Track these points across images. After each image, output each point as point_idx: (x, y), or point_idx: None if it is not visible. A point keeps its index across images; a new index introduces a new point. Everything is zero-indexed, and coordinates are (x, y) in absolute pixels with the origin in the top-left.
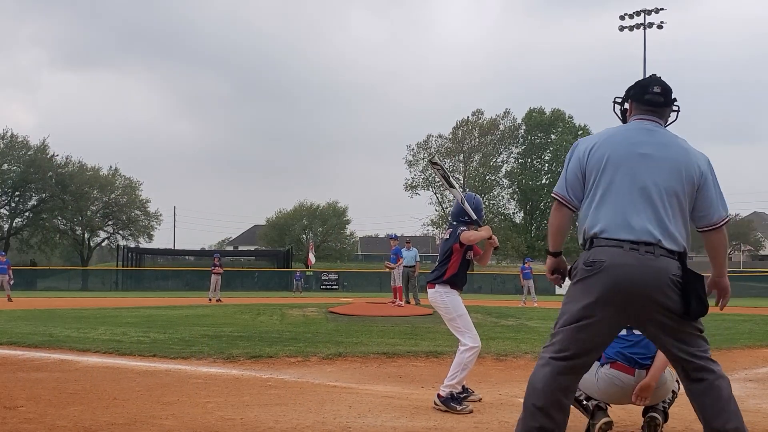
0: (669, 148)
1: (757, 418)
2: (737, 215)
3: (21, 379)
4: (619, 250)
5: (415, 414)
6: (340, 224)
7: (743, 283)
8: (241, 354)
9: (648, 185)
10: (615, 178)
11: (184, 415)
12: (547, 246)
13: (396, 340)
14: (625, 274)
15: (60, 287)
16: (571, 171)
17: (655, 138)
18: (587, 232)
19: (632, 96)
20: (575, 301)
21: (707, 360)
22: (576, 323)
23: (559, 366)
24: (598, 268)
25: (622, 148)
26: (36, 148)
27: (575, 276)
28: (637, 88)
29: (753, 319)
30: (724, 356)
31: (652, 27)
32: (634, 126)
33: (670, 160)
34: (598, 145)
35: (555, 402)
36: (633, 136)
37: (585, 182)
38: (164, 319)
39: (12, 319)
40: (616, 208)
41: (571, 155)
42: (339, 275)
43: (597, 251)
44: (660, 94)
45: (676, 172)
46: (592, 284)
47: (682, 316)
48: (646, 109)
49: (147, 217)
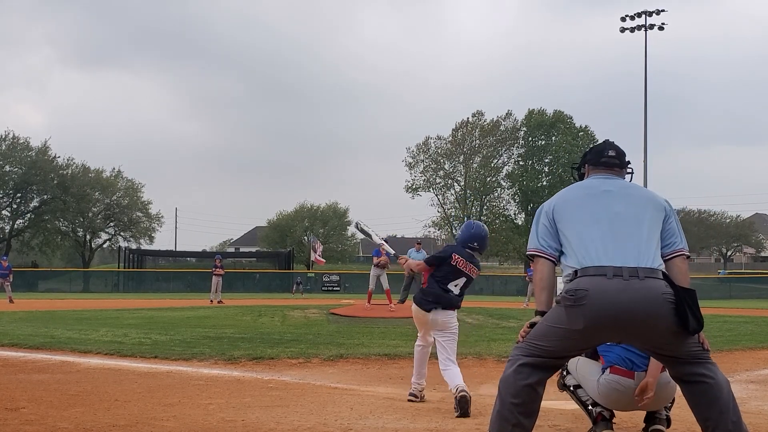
0: (630, 188)
1: (759, 419)
2: (738, 217)
3: (22, 380)
4: (603, 279)
5: (417, 415)
6: (341, 226)
7: (744, 285)
8: (243, 355)
9: (619, 213)
10: (584, 214)
11: (186, 416)
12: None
13: (397, 342)
14: (611, 302)
15: (61, 289)
16: (541, 225)
17: (612, 181)
18: (571, 269)
19: (589, 160)
20: (560, 323)
21: (705, 362)
22: (557, 338)
23: (532, 364)
24: (581, 296)
25: (582, 191)
26: (38, 150)
27: (560, 303)
28: (593, 153)
29: (754, 320)
30: (726, 357)
31: (653, 28)
32: (590, 178)
33: (634, 194)
34: (560, 198)
35: (528, 401)
36: (590, 183)
37: (559, 232)
38: (165, 321)
39: (13, 321)
40: (593, 239)
41: (538, 215)
42: (340, 277)
43: (580, 281)
44: (615, 157)
45: (642, 202)
46: (577, 313)
47: (681, 335)
48: (601, 169)
49: (148, 219)
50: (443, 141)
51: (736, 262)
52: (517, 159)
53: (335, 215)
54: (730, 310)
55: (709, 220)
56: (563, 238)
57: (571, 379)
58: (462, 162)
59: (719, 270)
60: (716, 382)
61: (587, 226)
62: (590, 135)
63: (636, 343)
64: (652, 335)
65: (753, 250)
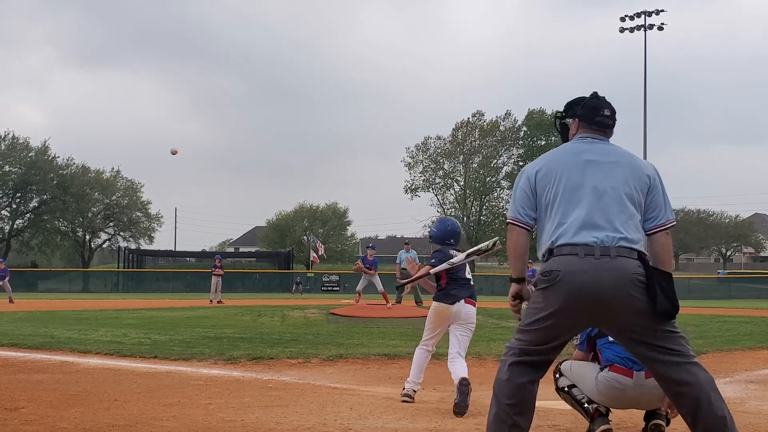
0: (615, 155)
1: (759, 419)
2: (737, 217)
3: (22, 380)
4: (574, 258)
5: (417, 415)
6: (341, 226)
7: (744, 285)
8: (242, 355)
9: (597, 187)
10: (564, 187)
11: (185, 416)
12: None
13: (397, 342)
14: (582, 282)
15: (61, 289)
16: (521, 190)
17: (599, 147)
18: (545, 246)
19: (581, 116)
20: (538, 307)
21: (684, 363)
22: (539, 325)
23: (523, 362)
24: (555, 278)
25: (567, 158)
26: (37, 150)
27: (537, 286)
28: (587, 109)
29: (754, 320)
30: (725, 357)
31: (652, 29)
32: (577, 140)
33: (618, 164)
34: (544, 164)
35: (522, 400)
36: (576, 147)
37: (537, 201)
38: (165, 321)
39: (13, 321)
40: (569, 214)
41: (519, 179)
42: (340, 277)
43: (553, 261)
44: (609, 116)
45: (623, 175)
46: (552, 294)
47: (653, 317)
48: (593, 129)
49: (148, 219)
50: (443, 141)
51: (735, 262)
52: (517, 159)
53: (335, 215)
54: (730, 310)
55: (709, 220)
56: (541, 209)
57: (564, 381)
58: (461, 162)
59: (719, 270)
60: (697, 384)
61: (565, 201)
62: None
63: (611, 328)
64: (623, 317)
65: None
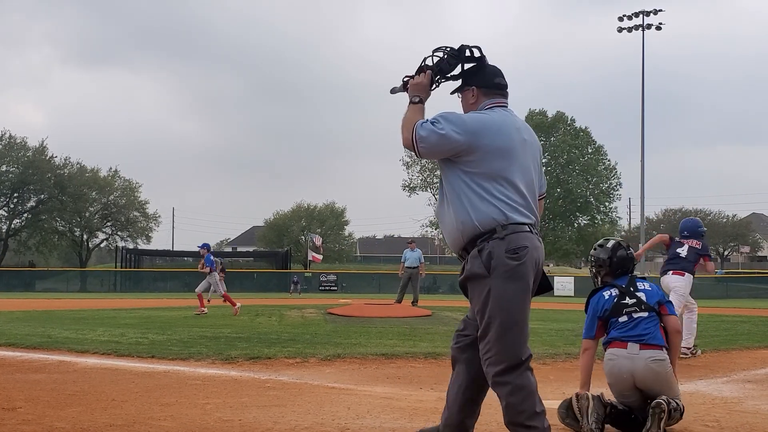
0: (529, 132)
1: (756, 419)
2: (735, 216)
3: (19, 380)
4: (530, 234)
5: (414, 415)
6: (339, 225)
7: (742, 285)
8: (240, 355)
9: (526, 164)
10: (512, 164)
11: (183, 416)
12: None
13: (394, 341)
14: (538, 257)
15: (58, 288)
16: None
17: (522, 123)
18: (491, 221)
19: (481, 83)
20: (517, 285)
21: None
22: (524, 304)
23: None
24: (525, 253)
25: (518, 135)
26: (35, 150)
27: (502, 270)
28: (485, 75)
29: (751, 320)
30: (723, 357)
31: (650, 28)
32: (505, 112)
33: (535, 144)
34: (490, 138)
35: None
36: (513, 123)
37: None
38: (162, 320)
39: (10, 321)
40: (517, 193)
41: (459, 119)
42: (338, 276)
43: (518, 237)
44: (503, 78)
45: (534, 149)
46: (524, 271)
47: None
48: (497, 92)
49: (145, 219)
50: None
51: (733, 262)
52: None
53: (332, 215)
54: (727, 310)
55: (706, 220)
56: (484, 177)
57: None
58: None
59: (716, 269)
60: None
61: (513, 178)
62: (588, 134)
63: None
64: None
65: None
